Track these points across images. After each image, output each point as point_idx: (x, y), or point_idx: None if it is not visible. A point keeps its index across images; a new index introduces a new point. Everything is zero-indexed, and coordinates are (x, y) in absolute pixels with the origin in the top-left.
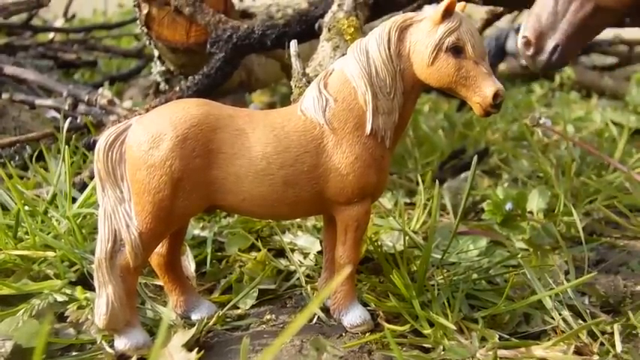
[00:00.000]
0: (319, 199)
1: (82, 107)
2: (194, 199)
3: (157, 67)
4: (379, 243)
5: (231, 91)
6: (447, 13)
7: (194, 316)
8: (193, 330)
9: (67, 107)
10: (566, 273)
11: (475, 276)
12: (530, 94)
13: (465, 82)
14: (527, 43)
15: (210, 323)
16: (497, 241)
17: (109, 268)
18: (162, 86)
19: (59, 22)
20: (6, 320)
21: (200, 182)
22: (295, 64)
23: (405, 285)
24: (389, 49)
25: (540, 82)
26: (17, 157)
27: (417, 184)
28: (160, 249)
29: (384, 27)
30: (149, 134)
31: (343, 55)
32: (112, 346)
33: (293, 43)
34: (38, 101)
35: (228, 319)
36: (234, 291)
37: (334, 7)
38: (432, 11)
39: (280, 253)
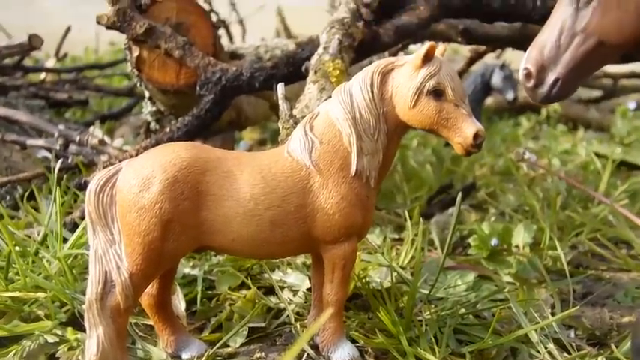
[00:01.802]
0: (307, 239)
1: (73, 147)
2: (184, 241)
3: (147, 107)
4: (367, 279)
5: (221, 130)
6: (428, 58)
7: (184, 356)
8: None
9: (58, 147)
10: (552, 307)
11: (463, 310)
12: (518, 128)
13: (446, 124)
14: (528, 75)
15: None
16: (485, 275)
17: (99, 309)
18: (153, 126)
19: (51, 62)
20: None
21: (189, 224)
22: (282, 106)
23: (393, 321)
24: (372, 92)
25: (527, 115)
26: (8, 197)
27: (405, 219)
28: (151, 289)
29: (368, 71)
30: (139, 177)
31: (329, 97)
32: None
33: (280, 86)
34: (30, 142)
35: (219, 358)
36: (224, 329)
37: (320, 50)
38: (412, 56)
39: (270, 290)
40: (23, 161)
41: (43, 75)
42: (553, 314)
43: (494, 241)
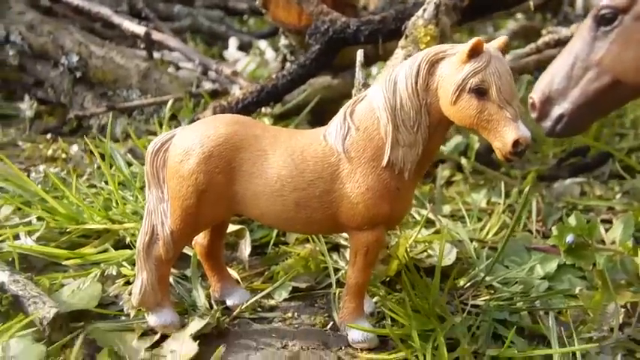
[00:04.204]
0: (332, 221)
1: (211, 74)
2: (218, 209)
3: (281, 40)
4: (427, 253)
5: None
6: (474, 53)
7: (228, 302)
8: (206, 320)
9: (198, 73)
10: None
11: (520, 304)
12: None
13: (487, 125)
14: (532, 106)
15: (236, 312)
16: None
17: (145, 257)
18: (289, 57)
19: None
20: (71, 284)
21: (223, 195)
22: (358, 73)
23: (417, 305)
24: (416, 83)
25: None
26: (155, 116)
27: (520, 179)
28: (203, 240)
29: (416, 59)
30: (182, 148)
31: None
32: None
33: (359, 53)
34: (182, 64)
35: (259, 309)
36: (273, 281)
37: (419, 12)
38: (462, 46)
39: (336, 247)
40: (170, 83)
41: None
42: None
43: (569, 238)
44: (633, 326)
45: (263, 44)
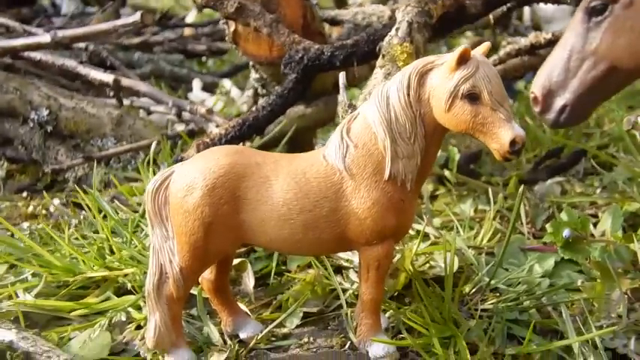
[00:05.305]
0: (341, 240)
1: (186, 115)
2: (225, 240)
3: (252, 74)
4: (431, 264)
5: (326, 92)
6: (462, 60)
7: (241, 335)
8: (225, 354)
9: (173, 115)
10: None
11: (527, 303)
12: None
13: (482, 129)
14: (534, 100)
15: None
16: (571, 259)
17: (156, 298)
18: (260, 90)
19: (192, 15)
20: (80, 336)
21: (230, 225)
22: (342, 95)
23: (432, 315)
24: (408, 95)
25: None
26: (133, 162)
27: (498, 185)
28: (209, 275)
29: (405, 72)
30: (184, 183)
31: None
32: None
33: (341, 75)
34: (153, 108)
35: (273, 339)
36: (282, 310)
37: (392, 32)
38: (449, 56)
39: (339, 269)
40: (144, 128)
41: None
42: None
43: (566, 233)
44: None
45: (227, 83)
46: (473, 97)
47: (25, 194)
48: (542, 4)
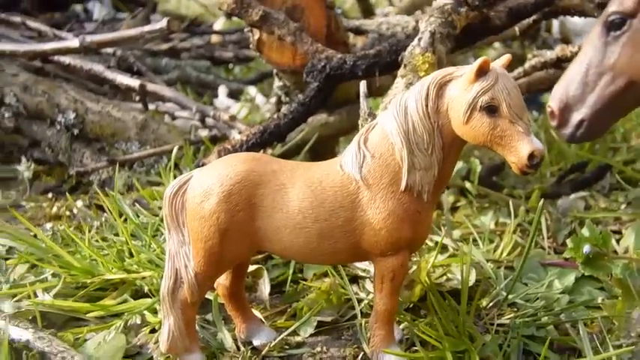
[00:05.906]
0: (356, 250)
1: (209, 120)
2: (240, 247)
3: (276, 82)
4: (448, 277)
5: (349, 101)
6: (481, 72)
7: (255, 342)
8: None
9: (196, 121)
10: None
11: (545, 319)
12: None
13: (501, 142)
14: (551, 114)
15: (264, 350)
16: (592, 276)
17: (170, 302)
18: (283, 98)
19: (219, 23)
20: (95, 337)
21: (245, 232)
22: (362, 103)
23: (445, 330)
24: (426, 106)
25: None
26: (156, 166)
27: (524, 198)
28: (225, 281)
29: (424, 83)
30: (201, 189)
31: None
32: None
33: (362, 84)
34: (177, 113)
35: (286, 347)
36: (297, 318)
37: (415, 42)
38: (468, 67)
39: (355, 279)
40: (168, 133)
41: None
42: None
43: (586, 249)
44: None
45: (253, 90)
46: (491, 110)
47: (50, 195)
48: (570, 17)
